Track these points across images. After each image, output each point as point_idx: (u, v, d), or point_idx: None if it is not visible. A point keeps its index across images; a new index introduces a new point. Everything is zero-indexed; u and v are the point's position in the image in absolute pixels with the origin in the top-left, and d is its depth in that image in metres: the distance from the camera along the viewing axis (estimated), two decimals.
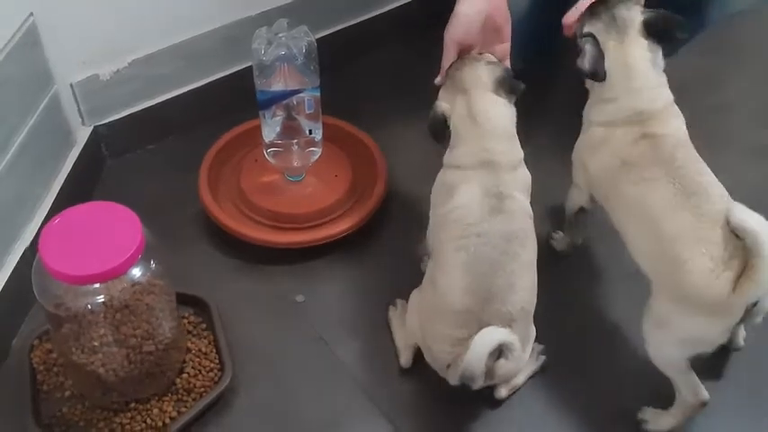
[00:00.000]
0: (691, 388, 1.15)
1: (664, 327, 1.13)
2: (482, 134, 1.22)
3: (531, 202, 1.25)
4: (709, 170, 1.15)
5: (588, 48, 1.21)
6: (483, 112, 1.23)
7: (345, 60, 1.74)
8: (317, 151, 1.47)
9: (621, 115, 1.20)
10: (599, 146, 1.23)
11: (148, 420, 1.19)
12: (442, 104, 1.26)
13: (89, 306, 1.09)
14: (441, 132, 1.25)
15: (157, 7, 1.48)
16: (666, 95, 1.21)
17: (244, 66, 1.51)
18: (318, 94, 1.40)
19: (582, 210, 1.34)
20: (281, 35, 1.33)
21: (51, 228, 1.08)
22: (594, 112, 1.25)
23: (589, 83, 1.25)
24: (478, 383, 1.12)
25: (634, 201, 1.17)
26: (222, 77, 1.63)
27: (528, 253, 1.18)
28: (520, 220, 1.19)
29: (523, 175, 1.25)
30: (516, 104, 1.26)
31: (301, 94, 1.38)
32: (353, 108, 1.63)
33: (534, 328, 1.23)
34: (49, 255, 1.05)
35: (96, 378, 1.16)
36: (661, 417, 1.19)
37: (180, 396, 1.22)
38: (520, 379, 1.24)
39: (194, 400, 1.22)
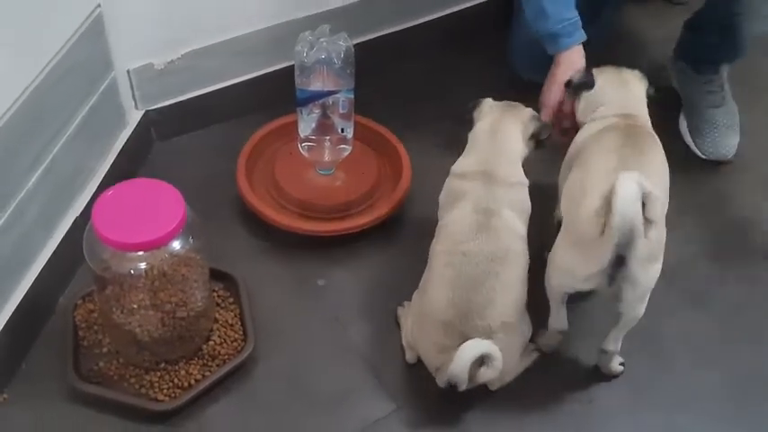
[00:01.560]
0: (556, 317, 1.34)
1: (554, 257, 1.28)
2: (493, 150, 1.38)
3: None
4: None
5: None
6: (504, 133, 1.39)
7: (383, 65, 1.84)
8: (348, 148, 1.58)
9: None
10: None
11: (175, 380, 1.31)
12: (483, 108, 1.44)
13: (132, 271, 1.21)
14: (466, 114, 1.45)
15: (212, 5, 1.60)
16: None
17: (286, 65, 1.61)
18: (352, 96, 1.50)
19: None
20: (322, 40, 1.44)
21: (105, 198, 1.21)
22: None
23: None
24: (462, 387, 1.24)
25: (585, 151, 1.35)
26: (265, 74, 1.74)
27: (510, 272, 1.27)
28: (504, 238, 1.28)
29: (519, 196, 1.36)
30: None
31: (337, 95, 1.49)
32: (386, 111, 1.73)
33: (527, 331, 1.33)
34: (101, 222, 1.17)
35: (132, 337, 1.28)
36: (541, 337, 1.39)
37: (205, 361, 1.34)
38: (509, 377, 1.32)
39: (218, 365, 1.33)
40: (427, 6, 1.88)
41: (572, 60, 1.51)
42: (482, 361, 1.22)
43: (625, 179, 1.14)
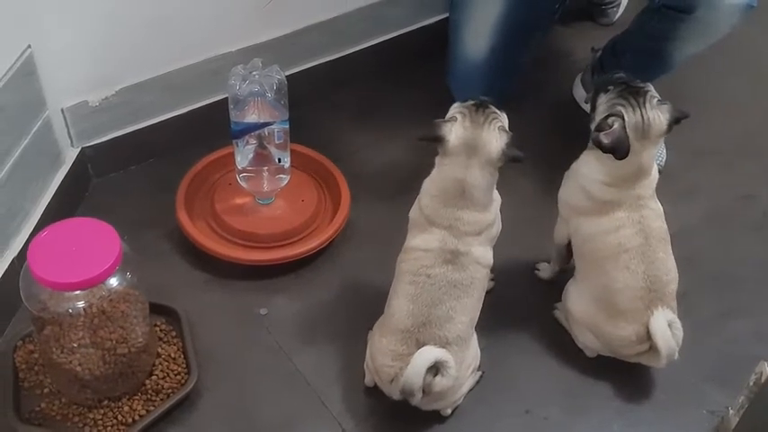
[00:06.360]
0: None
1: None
2: (463, 204, 1.30)
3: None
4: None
5: (617, 128, 1.33)
6: (475, 186, 1.29)
7: (318, 94, 1.87)
8: (286, 177, 1.60)
9: (618, 200, 1.37)
10: (588, 212, 1.40)
11: (119, 417, 1.31)
12: (451, 131, 1.29)
13: (70, 311, 1.21)
14: (429, 140, 1.31)
15: (145, 41, 1.61)
16: (654, 182, 1.40)
17: (221, 97, 1.62)
18: (287, 126, 1.53)
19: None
20: (254, 73, 1.47)
21: (39, 239, 1.21)
22: (592, 184, 1.38)
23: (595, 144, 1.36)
24: (417, 398, 1.26)
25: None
26: (201, 107, 1.75)
27: (471, 296, 1.32)
28: (470, 270, 1.31)
29: (488, 233, 1.34)
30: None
31: (272, 126, 1.51)
32: (323, 139, 1.76)
33: (476, 354, 1.37)
34: (36, 263, 1.17)
35: (74, 376, 1.28)
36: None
37: (149, 396, 1.34)
38: (460, 394, 1.36)
39: (162, 400, 1.34)
40: (357, 36, 1.92)
41: None
42: (436, 371, 1.26)
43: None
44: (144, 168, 1.74)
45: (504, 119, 1.35)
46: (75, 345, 1.25)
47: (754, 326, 1.54)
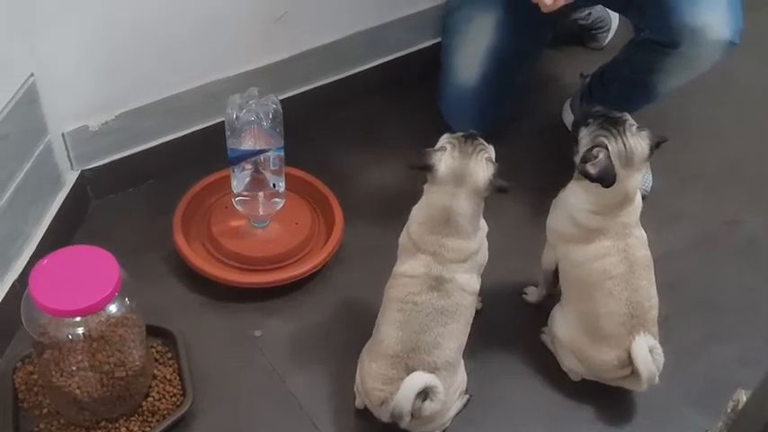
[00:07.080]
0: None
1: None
2: (448, 232, 1.34)
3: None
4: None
5: (602, 158, 1.36)
6: (460, 214, 1.33)
7: (315, 117, 1.91)
8: (281, 201, 1.64)
9: (605, 227, 1.41)
10: (576, 239, 1.44)
11: None
12: (440, 160, 1.33)
13: (69, 336, 1.25)
14: (419, 168, 1.35)
15: (144, 67, 1.65)
16: (638, 210, 1.45)
17: (218, 121, 1.64)
18: (282, 153, 1.57)
19: None
20: (251, 101, 1.51)
21: (41, 266, 1.25)
22: (579, 213, 1.42)
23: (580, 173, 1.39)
24: (406, 421, 1.30)
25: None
26: (198, 130, 1.79)
27: (458, 322, 1.35)
28: (456, 297, 1.35)
29: (473, 261, 1.37)
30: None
31: (267, 153, 1.55)
32: (317, 162, 1.80)
33: (464, 378, 1.41)
34: (37, 290, 1.21)
35: (72, 398, 1.31)
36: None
37: (145, 417, 1.38)
38: (447, 417, 1.39)
39: (158, 421, 1.37)
40: (355, 59, 1.96)
41: None
42: (425, 395, 1.29)
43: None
44: (142, 190, 1.78)
45: (491, 151, 1.39)
46: (74, 368, 1.28)
47: (738, 351, 1.58)
